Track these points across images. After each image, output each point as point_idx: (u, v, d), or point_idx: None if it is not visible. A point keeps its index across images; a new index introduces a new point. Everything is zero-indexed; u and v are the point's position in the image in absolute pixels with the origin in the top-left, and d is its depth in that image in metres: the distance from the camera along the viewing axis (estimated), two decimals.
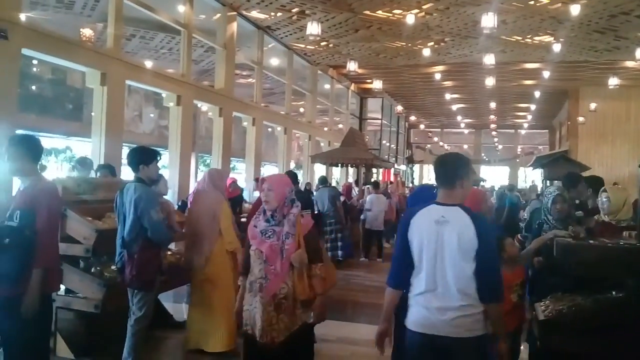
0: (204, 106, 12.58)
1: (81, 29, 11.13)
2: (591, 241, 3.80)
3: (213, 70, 13.02)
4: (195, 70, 14.75)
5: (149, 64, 11.99)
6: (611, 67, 15.30)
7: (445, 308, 2.82)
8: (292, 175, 7.78)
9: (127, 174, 6.42)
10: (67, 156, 16.07)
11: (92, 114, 8.89)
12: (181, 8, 10.69)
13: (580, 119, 19.49)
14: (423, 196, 3.96)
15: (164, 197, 5.75)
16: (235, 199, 8.86)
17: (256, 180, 8.80)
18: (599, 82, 16.90)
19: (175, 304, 6.59)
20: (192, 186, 10.02)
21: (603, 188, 4.90)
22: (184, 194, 9.33)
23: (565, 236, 4.05)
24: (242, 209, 9.42)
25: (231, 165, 13.94)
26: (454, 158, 3.11)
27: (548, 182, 13.81)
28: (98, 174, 6.39)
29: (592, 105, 18.82)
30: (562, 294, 3.90)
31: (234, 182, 9.63)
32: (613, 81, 14.96)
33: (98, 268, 4.46)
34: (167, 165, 10.27)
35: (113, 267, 4.43)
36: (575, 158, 17.76)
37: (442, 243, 2.84)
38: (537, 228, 4.68)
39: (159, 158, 4.45)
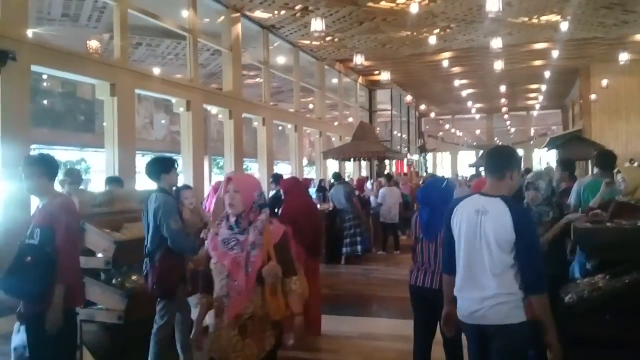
0: (213, 109, 12.65)
1: (87, 41, 11.23)
2: (608, 224, 3.76)
3: (221, 73, 13.08)
4: (202, 74, 14.82)
5: (156, 71, 12.12)
6: (621, 42, 15.07)
7: (483, 297, 2.88)
8: (277, 177, 7.77)
9: (142, 184, 6.50)
10: (82, 167, 16.25)
11: (104, 124, 8.99)
12: (185, 13, 10.73)
13: (593, 96, 19.25)
14: (432, 189, 3.97)
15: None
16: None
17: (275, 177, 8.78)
18: (609, 58, 16.68)
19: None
20: (207, 190, 10.07)
21: (617, 169, 4.85)
22: (198, 199, 9.38)
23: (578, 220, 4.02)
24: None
25: (244, 166, 13.99)
26: (503, 150, 3.24)
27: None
28: (107, 187, 6.41)
29: (604, 82, 18.57)
30: (581, 280, 3.87)
31: None
32: (624, 56, 14.75)
33: (119, 279, 4.52)
34: (181, 170, 10.35)
35: (134, 278, 4.49)
36: (590, 136, 17.61)
37: (481, 233, 2.89)
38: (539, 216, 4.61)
39: (176, 165, 4.51)
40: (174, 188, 4.64)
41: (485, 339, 2.92)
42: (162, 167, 4.34)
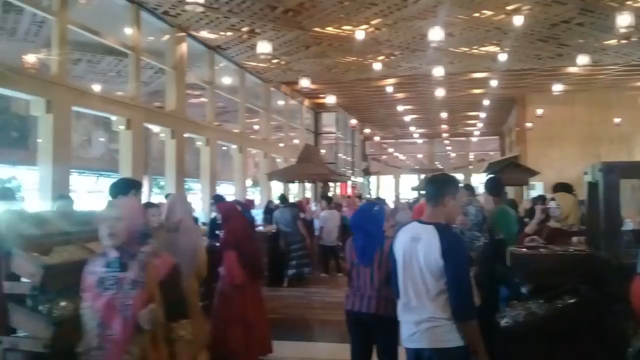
0: (155, 128, 12.37)
1: (23, 56, 10.80)
2: (542, 250, 3.88)
3: (164, 91, 12.84)
4: (145, 92, 14.50)
5: (97, 88, 11.75)
6: (555, 74, 15.85)
7: (420, 320, 2.93)
8: (218, 199, 7.67)
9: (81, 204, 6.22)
10: (13, 185, 15.48)
11: (38, 141, 8.61)
12: (128, 30, 10.50)
13: (528, 124, 20.10)
14: (364, 214, 4.00)
15: None
16: None
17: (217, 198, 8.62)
18: (544, 88, 17.49)
19: None
20: None
21: (552, 196, 5.04)
22: None
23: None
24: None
25: (186, 186, 13.71)
26: (441, 177, 3.32)
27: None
28: (56, 206, 6.15)
29: (539, 111, 19.43)
30: (517, 302, 3.97)
31: None
32: (557, 87, 15.50)
33: (46, 306, 4.25)
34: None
35: (63, 304, 4.24)
36: (525, 163, 18.28)
37: (414, 259, 2.97)
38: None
39: (138, 189, 4.33)
40: None
41: None
42: (119, 190, 4.28)
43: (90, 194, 18.76)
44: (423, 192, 17.02)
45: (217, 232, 6.70)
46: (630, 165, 3.87)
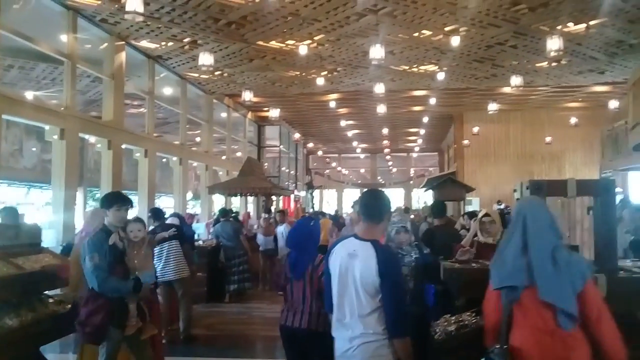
0: (92, 138, 11.98)
1: None
2: (474, 264, 3.99)
3: (101, 100, 12.46)
4: (81, 101, 14.06)
5: (29, 95, 11.29)
6: (491, 93, 16.49)
7: (352, 337, 2.94)
8: (156, 212, 7.52)
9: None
10: None
11: None
12: (64, 37, 10.16)
13: (465, 141, 20.78)
14: (300, 230, 4.01)
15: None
16: None
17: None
18: (480, 107, 18.14)
19: (59, 355, 6.11)
20: (78, 223, 9.43)
21: (485, 212, 5.19)
22: (69, 234, 8.74)
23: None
24: None
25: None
26: (379, 194, 3.29)
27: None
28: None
29: (475, 129, 20.14)
30: (450, 316, 4.04)
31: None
32: (492, 106, 16.10)
33: None
34: (50, 202, 9.61)
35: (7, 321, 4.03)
36: (463, 179, 18.86)
37: (350, 276, 2.98)
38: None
39: (120, 204, 4.25)
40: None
41: None
42: (102, 203, 4.34)
43: (21, 206, 17.91)
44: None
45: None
46: (556, 183, 4.05)
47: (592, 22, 10.39)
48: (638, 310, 3.53)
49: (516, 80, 12.82)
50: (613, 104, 16.27)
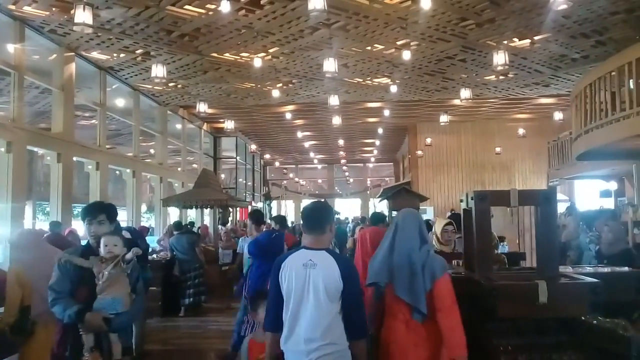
0: (41, 150, 11.65)
1: None
2: None
3: (50, 112, 12.14)
4: (29, 113, 13.67)
5: None
6: (442, 105, 16.87)
7: (309, 349, 2.94)
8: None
9: None
10: None
11: None
12: (11, 48, 9.89)
13: (419, 152, 21.19)
14: (262, 242, 4.06)
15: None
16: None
17: None
18: (433, 118, 18.53)
19: None
20: None
21: (448, 220, 5.36)
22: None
23: None
24: None
25: (75, 212, 12.95)
26: (321, 206, 3.39)
27: (394, 212, 14.69)
28: None
29: (428, 140, 20.57)
30: None
31: (72, 232, 9.04)
32: (444, 118, 16.49)
33: None
34: None
35: None
36: (417, 188, 19.21)
37: (309, 285, 3.00)
38: None
39: (90, 217, 3.75)
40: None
41: None
42: (81, 216, 3.84)
43: None
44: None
45: None
46: (500, 193, 4.22)
47: (536, 37, 10.81)
48: (578, 314, 3.70)
49: (465, 93, 13.21)
50: (558, 115, 16.90)
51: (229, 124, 17.26)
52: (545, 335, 3.70)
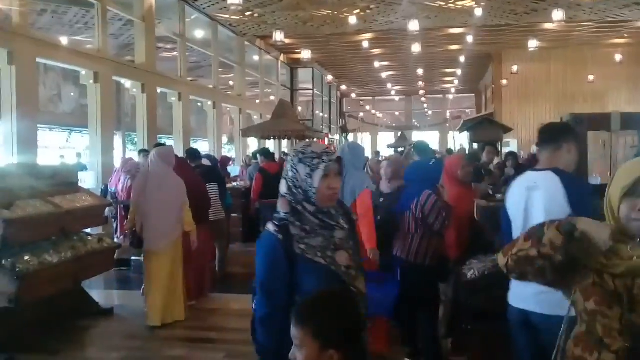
0: (127, 82, 12.06)
1: None
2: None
3: (134, 45, 12.44)
4: (116, 45, 14.10)
5: (64, 40, 11.34)
6: (531, 30, 15.79)
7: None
8: (191, 152, 7.51)
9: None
10: None
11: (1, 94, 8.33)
12: None
13: (504, 81, 20.14)
14: (420, 171, 4.11)
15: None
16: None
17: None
18: (520, 45, 17.45)
19: (104, 291, 6.36)
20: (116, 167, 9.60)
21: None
22: (107, 177, 8.94)
23: None
24: None
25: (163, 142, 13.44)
26: (559, 123, 3.29)
27: (475, 144, 14.19)
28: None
29: (515, 68, 19.46)
30: (484, 255, 4.00)
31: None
32: (533, 44, 15.46)
33: (9, 260, 4.18)
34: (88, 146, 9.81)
35: (27, 258, 4.18)
36: (501, 120, 18.39)
37: (531, 209, 2.75)
38: None
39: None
40: None
41: (531, 328, 2.68)
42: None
43: (62, 150, 18.40)
44: (400, 149, 17.04)
45: None
46: (599, 116, 3.88)
47: None
48: None
49: (558, 14, 12.17)
50: None
51: (305, 54, 17.06)
52: None
